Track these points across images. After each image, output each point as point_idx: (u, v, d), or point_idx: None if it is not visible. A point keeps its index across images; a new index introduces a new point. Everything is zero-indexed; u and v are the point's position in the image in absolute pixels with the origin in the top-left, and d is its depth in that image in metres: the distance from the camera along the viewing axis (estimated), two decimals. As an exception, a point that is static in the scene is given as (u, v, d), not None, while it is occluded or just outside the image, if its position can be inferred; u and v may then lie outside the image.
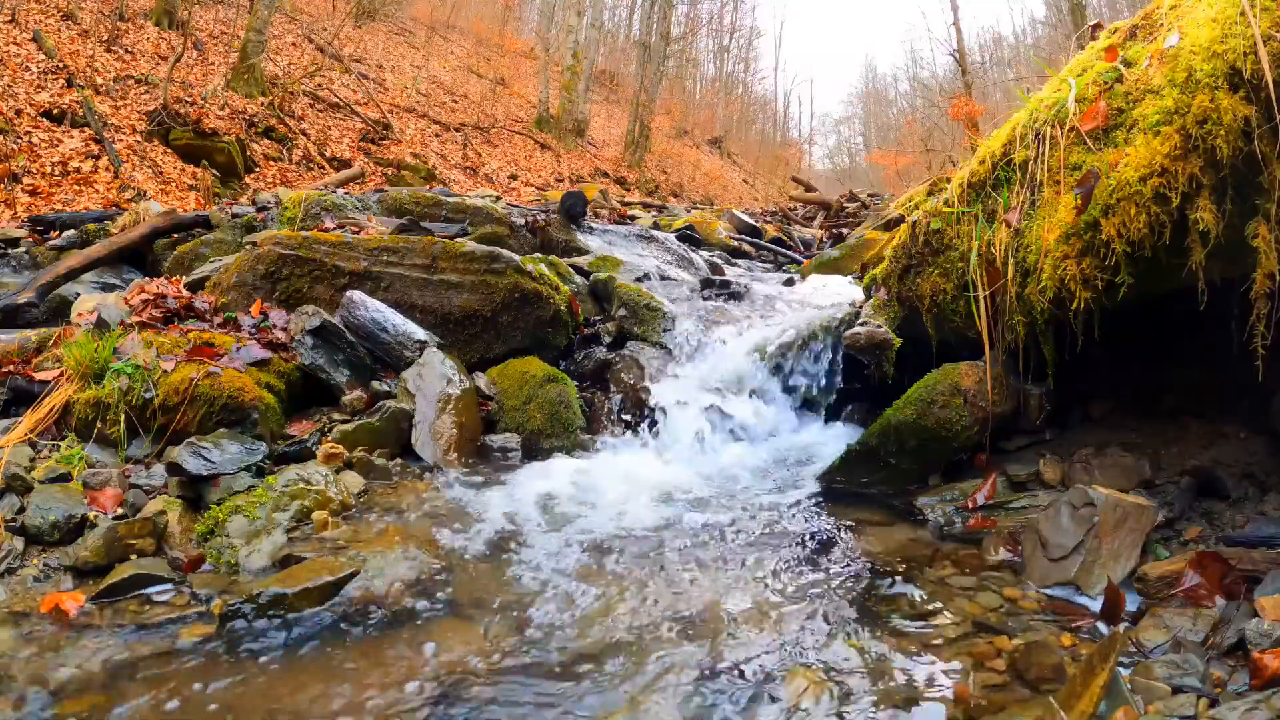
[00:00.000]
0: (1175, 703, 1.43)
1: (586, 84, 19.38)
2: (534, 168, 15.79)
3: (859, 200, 11.81)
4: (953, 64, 24.77)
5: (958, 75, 24.08)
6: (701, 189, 22.22)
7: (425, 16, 23.39)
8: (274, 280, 3.33)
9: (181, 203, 7.56)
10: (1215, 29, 1.83)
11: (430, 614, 1.87)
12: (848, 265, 5.38)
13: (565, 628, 1.82)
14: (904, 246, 2.88)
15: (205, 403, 2.52)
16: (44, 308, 3.79)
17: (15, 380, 2.60)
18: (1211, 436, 2.32)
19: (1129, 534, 1.95)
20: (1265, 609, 1.56)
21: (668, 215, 9.10)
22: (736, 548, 2.27)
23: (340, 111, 12.80)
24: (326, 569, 1.98)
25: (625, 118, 22.09)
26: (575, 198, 5.74)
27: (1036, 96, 2.45)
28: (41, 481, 2.19)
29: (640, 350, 3.64)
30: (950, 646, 1.70)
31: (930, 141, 23.84)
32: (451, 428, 2.86)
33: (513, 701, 1.55)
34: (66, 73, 8.82)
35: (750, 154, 33.57)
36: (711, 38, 35.23)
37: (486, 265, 3.46)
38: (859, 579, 2.05)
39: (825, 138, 54.01)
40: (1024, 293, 2.34)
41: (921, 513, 2.45)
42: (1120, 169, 2.00)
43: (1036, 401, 2.60)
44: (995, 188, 2.50)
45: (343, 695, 1.56)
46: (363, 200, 5.13)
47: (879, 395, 3.05)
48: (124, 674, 1.62)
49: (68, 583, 1.98)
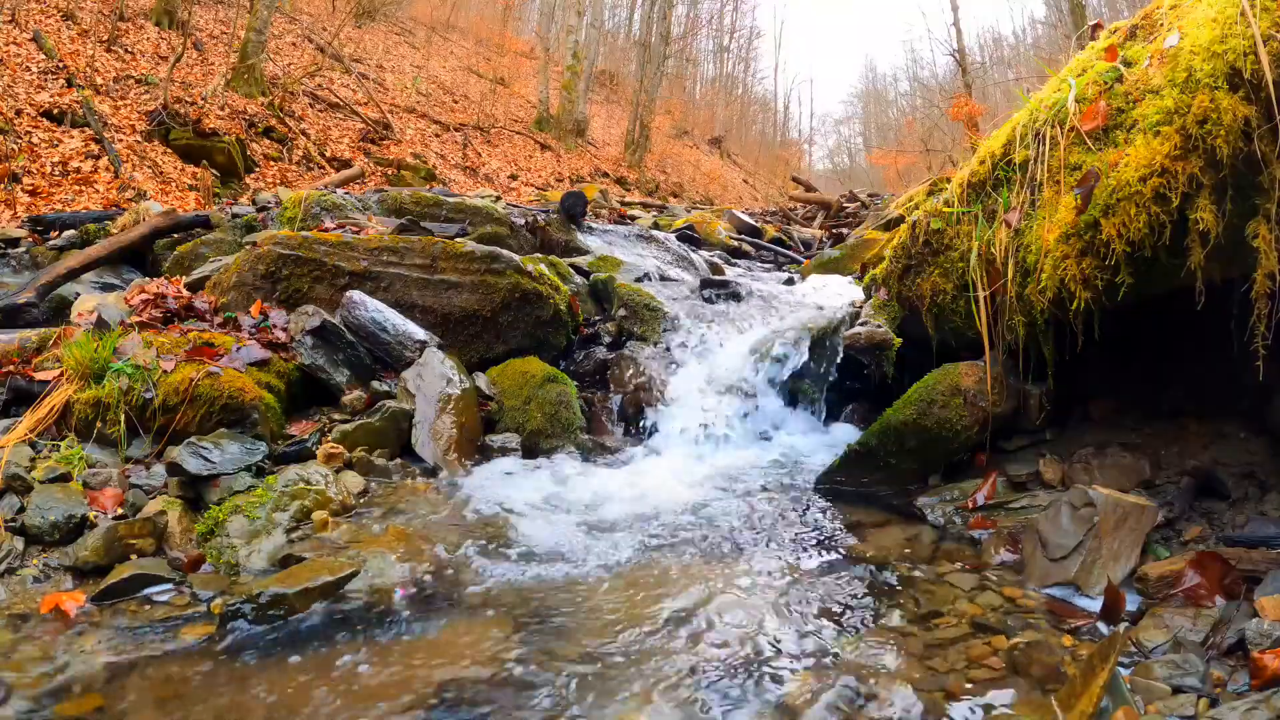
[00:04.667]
0: (1175, 703, 1.43)
1: (586, 84, 19.38)
2: (534, 168, 15.79)
3: (859, 200, 11.81)
4: (953, 64, 24.79)
5: (958, 75, 24.09)
6: (701, 189, 22.21)
7: (425, 16, 23.37)
8: (274, 280, 3.33)
9: (181, 203, 7.56)
10: (1215, 29, 1.83)
11: (430, 614, 1.87)
12: (848, 265, 5.38)
13: (566, 627, 1.82)
14: (904, 246, 2.88)
15: (205, 403, 2.53)
16: (44, 308, 3.79)
17: (15, 380, 2.60)
18: (1211, 436, 2.32)
19: (1129, 534, 1.95)
20: (1265, 609, 1.56)
21: (668, 215, 9.10)
22: (736, 548, 2.27)
23: (340, 111, 12.80)
24: (326, 569, 1.98)
25: (625, 118, 22.08)
26: (575, 198, 5.74)
27: (1036, 96, 2.45)
28: (41, 481, 2.19)
29: (640, 350, 3.64)
30: (950, 646, 1.70)
31: (930, 141, 23.83)
32: (451, 428, 2.86)
33: (514, 701, 1.55)
34: (66, 73, 8.81)
35: (750, 154, 33.54)
36: (711, 38, 35.23)
37: (486, 265, 3.46)
38: (859, 579, 2.06)
39: (825, 138, 54.02)
40: (1024, 293, 2.35)
41: (921, 513, 2.45)
42: (1120, 169, 2.00)
43: (1036, 401, 2.60)
44: (995, 188, 2.50)
45: (343, 695, 1.56)
46: (363, 200, 5.13)
47: (879, 395, 3.05)
48: (124, 674, 1.62)
49: (68, 583, 1.98)
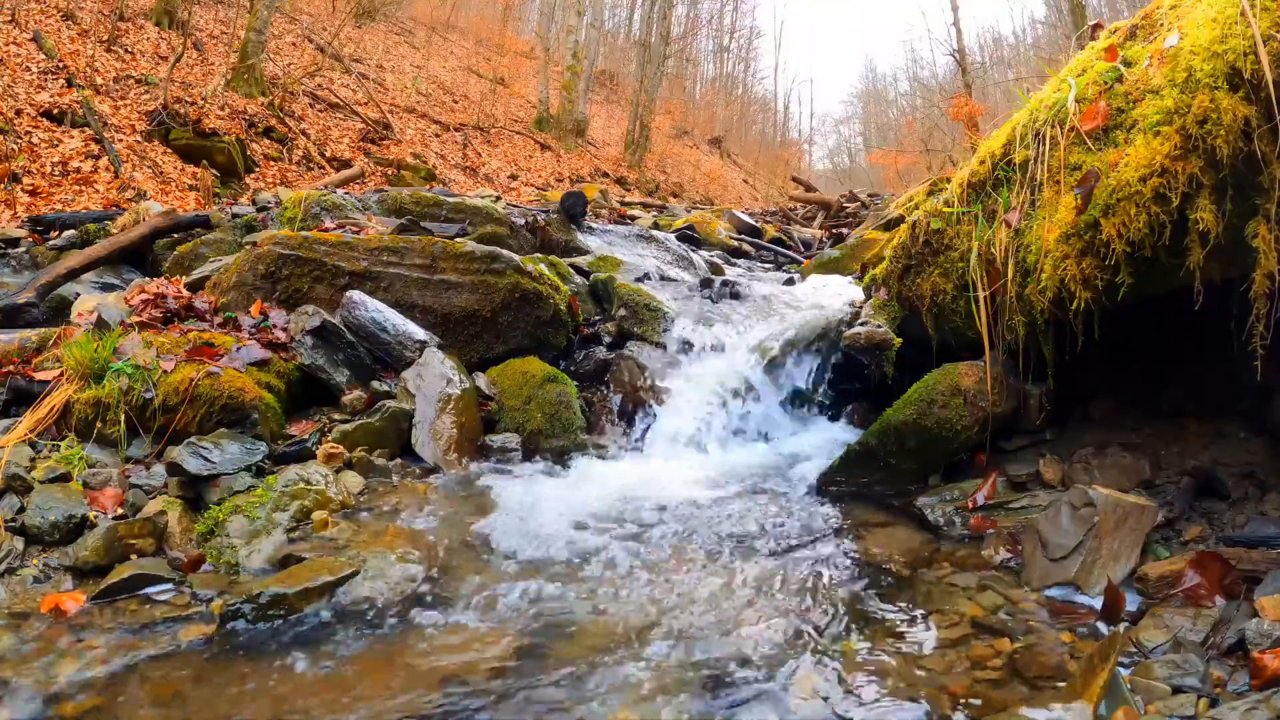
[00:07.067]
0: (1175, 702, 1.43)
1: (586, 84, 19.37)
2: (534, 168, 15.78)
3: (859, 200, 11.80)
4: (953, 64, 24.78)
5: (958, 75, 24.08)
6: (701, 189, 22.20)
7: (425, 16, 23.36)
8: (274, 280, 3.33)
9: (181, 203, 7.55)
10: (1215, 29, 1.83)
11: (430, 614, 1.87)
12: (848, 265, 5.37)
13: (565, 626, 1.82)
14: (904, 246, 2.88)
15: (205, 403, 2.53)
16: (44, 308, 3.79)
17: (15, 380, 2.60)
18: (1211, 436, 2.32)
19: (1129, 534, 1.95)
20: (1265, 609, 1.56)
21: (668, 215, 9.09)
22: (736, 548, 2.27)
23: (340, 111, 12.79)
24: (326, 569, 1.98)
25: (625, 118, 22.07)
26: (575, 198, 5.74)
27: (1036, 96, 2.45)
28: (41, 481, 2.19)
29: (640, 350, 3.64)
30: (950, 646, 1.70)
31: (930, 141, 23.82)
32: (451, 428, 2.86)
33: (514, 701, 1.55)
34: (66, 73, 8.81)
35: (750, 154, 33.52)
36: (711, 38, 35.21)
37: (486, 265, 3.46)
38: (859, 579, 2.06)
39: (825, 138, 53.89)
40: (1024, 293, 2.35)
41: (921, 513, 2.45)
42: (1120, 169, 2.00)
43: (1036, 401, 2.60)
44: (995, 188, 2.50)
45: (343, 695, 1.56)
46: (363, 200, 5.13)
47: (879, 395, 3.05)
48: (124, 674, 1.62)
49: (68, 583, 1.98)
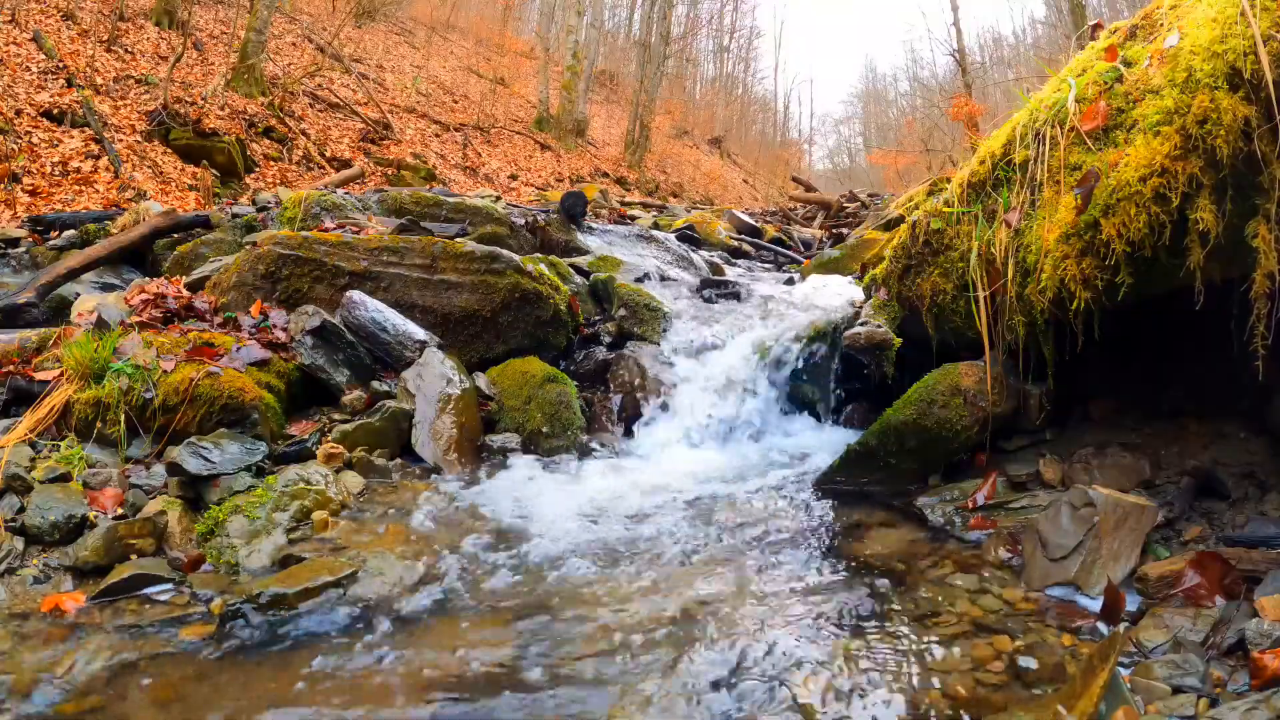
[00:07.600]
0: (1175, 703, 1.43)
1: (586, 84, 19.37)
2: (534, 168, 15.78)
3: (859, 200, 11.80)
4: (953, 64, 24.77)
5: (958, 75, 24.07)
6: (701, 189, 22.20)
7: (425, 16, 23.36)
8: (274, 280, 3.33)
9: (181, 203, 7.55)
10: (1215, 29, 1.83)
11: (430, 614, 1.87)
12: (848, 265, 5.36)
13: (566, 625, 1.82)
14: (904, 246, 2.88)
15: (205, 403, 2.53)
16: (44, 308, 3.79)
17: (15, 380, 2.60)
18: (1211, 436, 2.32)
19: (1129, 534, 1.95)
20: (1265, 609, 1.56)
21: (668, 215, 9.09)
22: (736, 548, 2.27)
23: (340, 111, 12.79)
24: (326, 569, 1.98)
25: (625, 118, 22.06)
26: (575, 198, 5.74)
27: (1036, 96, 2.45)
28: (41, 481, 2.20)
29: (640, 350, 3.64)
30: (950, 646, 1.70)
31: (930, 141, 23.81)
32: (451, 428, 2.86)
33: (514, 700, 1.55)
34: (66, 73, 8.81)
35: (750, 154, 33.52)
36: (711, 38, 35.20)
37: (486, 265, 3.46)
38: (859, 579, 2.05)
39: (825, 138, 53.86)
40: (1024, 293, 2.34)
41: (921, 513, 2.45)
42: (1120, 169, 2.00)
43: (1036, 401, 2.60)
44: (995, 188, 2.50)
45: (343, 694, 1.56)
46: (363, 200, 5.12)
47: (879, 395, 3.05)
48: (124, 674, 1.62)
49: (68, 583, 1.98)
